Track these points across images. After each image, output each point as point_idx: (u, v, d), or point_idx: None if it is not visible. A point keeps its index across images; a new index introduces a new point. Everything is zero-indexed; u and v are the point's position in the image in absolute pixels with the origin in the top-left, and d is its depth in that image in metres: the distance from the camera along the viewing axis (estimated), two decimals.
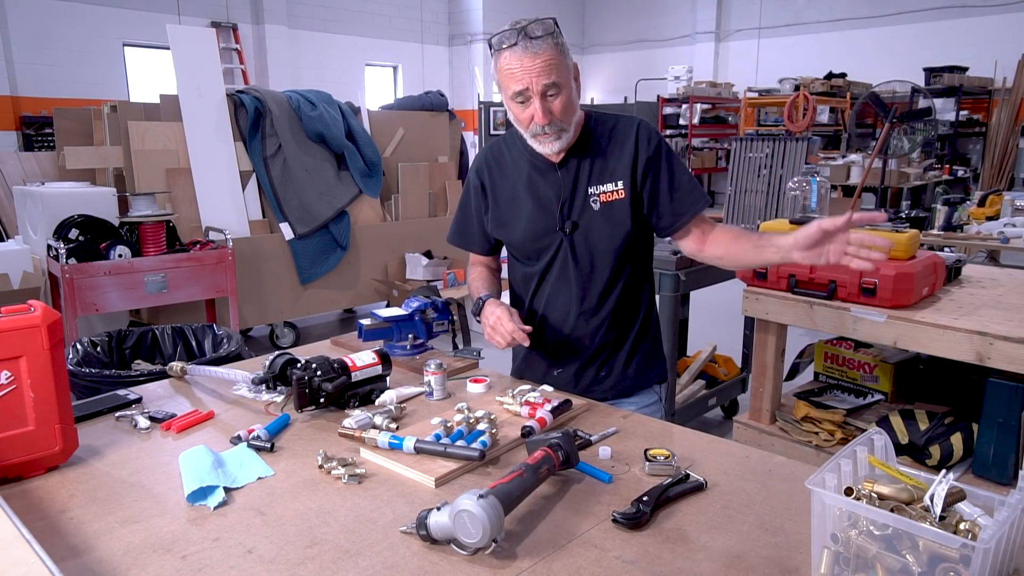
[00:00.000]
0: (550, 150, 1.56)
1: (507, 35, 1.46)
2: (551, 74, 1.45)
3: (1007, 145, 9.90)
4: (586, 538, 1.04)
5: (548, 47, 1.44)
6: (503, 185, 1.70)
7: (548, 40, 1.45)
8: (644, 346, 1.75)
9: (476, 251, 1.82)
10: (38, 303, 1.21)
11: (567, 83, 1.49)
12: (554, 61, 1.45)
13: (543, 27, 1.45)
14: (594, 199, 1.62)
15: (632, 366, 1.73)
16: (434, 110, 5.74)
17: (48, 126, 8.51)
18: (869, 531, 0.86)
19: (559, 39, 1.47)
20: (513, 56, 1.45)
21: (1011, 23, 10.36)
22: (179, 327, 3.03)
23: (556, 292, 1.70)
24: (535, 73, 1.44)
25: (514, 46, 1.44)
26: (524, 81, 1.45)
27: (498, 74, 1.50)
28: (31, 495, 1.16)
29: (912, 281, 2.10)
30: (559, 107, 1.49)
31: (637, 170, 1.60)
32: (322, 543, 1.02)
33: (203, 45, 4.65)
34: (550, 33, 1.45)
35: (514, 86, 1.47)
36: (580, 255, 1.65)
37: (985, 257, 5.60)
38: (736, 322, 3.65)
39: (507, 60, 1.46)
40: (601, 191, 1.61)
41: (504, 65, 1.47)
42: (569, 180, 1.62)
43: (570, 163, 1.62)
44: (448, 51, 14.14)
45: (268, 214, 4.75)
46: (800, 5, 12.52)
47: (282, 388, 1.56)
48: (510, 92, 1.49)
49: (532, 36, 1.44)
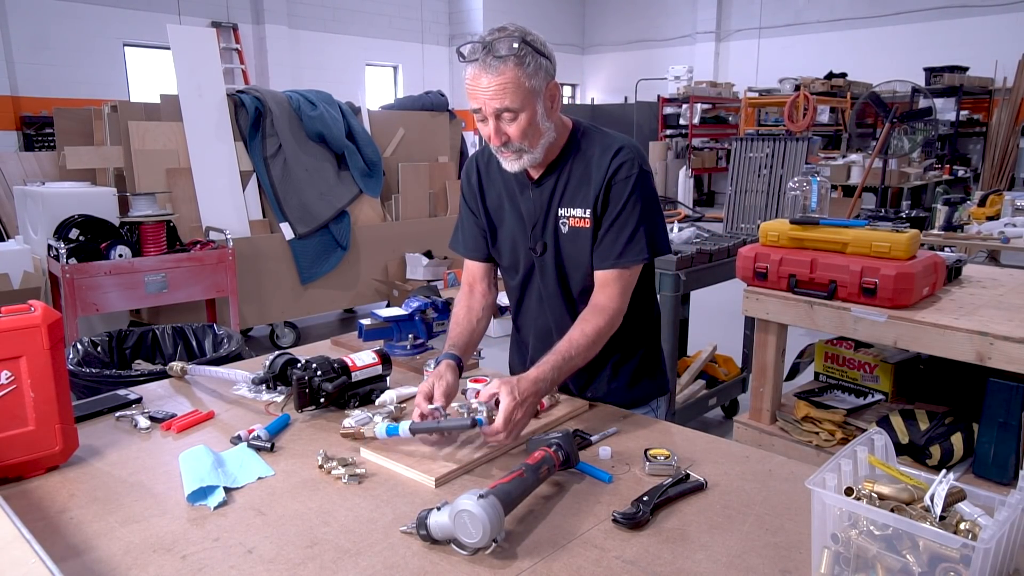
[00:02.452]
0: (512, 168, 1.50)
1: (472, 48, 1.39)
2: (504, 98, 1.38)
3: (1007, 145, 9.91)
4: (586, 538, 1.04)
5: (508, 69, 1.36)
6: (491, 192, 1.67)
7: (510, 61, 1.36)
8: (633, 365, 1.66)
9: (473, 256, 1.75)
10: (38, 303, 1.21)
11: (528, 106, 1.41)
12: (511, 84, 1.37)
13: (507, 45, 1.36)
14: (563, 221, 1.55)
15: (620, 383, 1.66)
16: (434, 110, 5.74)
17: (48, 126, 8.51)
18: (869, 531, 0.86)
19: (525, 59, 1.38)
20: (472, 71, 1.39)
21: (1011, 23, 10.37)
22: (179, 327, 3.03)
23: (535, 309, 1.68)
24: (489, 95, 1.38)
25: (475, 61, 1.38)
26: (479, 100, 1.40)
27: (465, 82, 1.45)
28: (31, 495, 1.16)
29: (912, 281, 2.10)
30: (515, 131, 1.42)
31: (599, 199, 1.51)
32: (322, 543, 1.02)
33: (203, 45, 4.65)
34: (515, 53, 1.36)
35: (472, 102, 1.43)
36: (552, 276, 1.59)
37: (985, 257, 5.60)
38: (736, 322, 3.65)
39: (468, 74, 1.41)
40: (571, 215, 1.54)
41: (466, 78, 1.42)
42: (543, 200, 1.57)
43: (546, 181, 1.56)
44: (448, 51, 14.15)
45: (268, 214, 4.75)
46: (800, 5, 12.53)
47: (282, 388, 1.56)
48: (470, 106, 1.44)
49: (495, 55, 1.36)
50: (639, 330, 1.67)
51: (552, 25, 14.51)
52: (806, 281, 2.30)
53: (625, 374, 1.66)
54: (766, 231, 2.45)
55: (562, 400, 1.54)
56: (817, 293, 2.26)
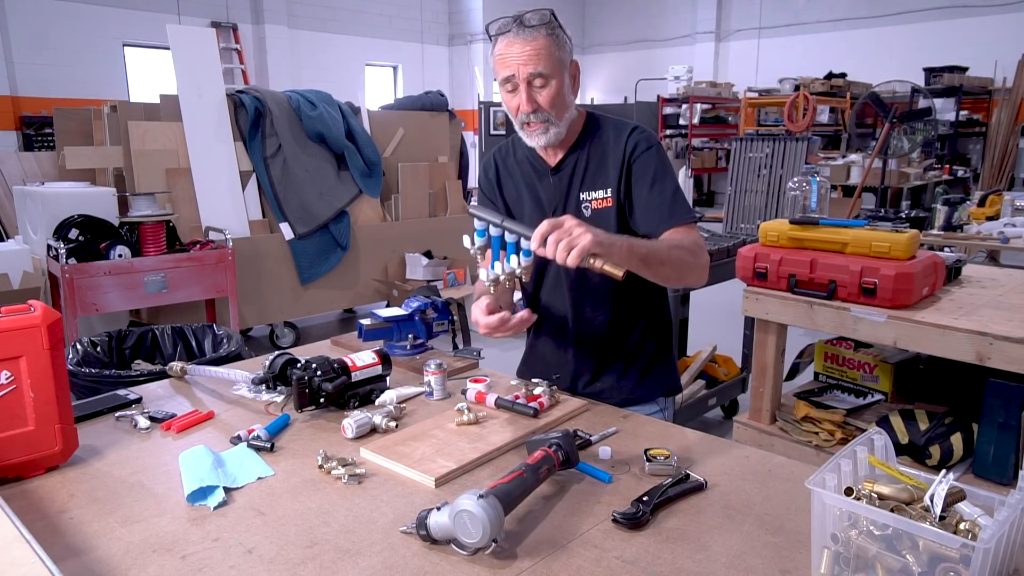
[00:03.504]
0: (538, 143, 1.55)
1: (503, 22, 1.47)
2: (539, 63, 1.45)
3: (1007, 145, 9.90)
4: (586, 538, 1.04)
5: (540, 36, 1.45)
6: (509, 184, 1.71)
7: (542, 30, 1.45)
8: (646, 358, 1.69)
9: None
10: (38, 303, 1.21)
11: (557, 75, 1.48)
12: (544, 51, 1.45)
13: (539, 17, 1.46)
14: (585, 205, 1.59)
15: (630, 378, 1.69)
16: (434, 110, 5.73)
17: (48, 126, 8.51)
18: (869, 531, 0.86)
19: (555, 31, 1.47)
20: (504, 42, 1.46)
21: (1011, 23, 10.37)
22: (179, 327, 3.03)
23: (551, 299, 1.69)
24: (523, 60, 1.45)
25: (507, 32, 1.46)
26: (512, 67, 1.46)
27: (493, 61, 1.51)
28: (31, 495, 1.16)
29: (912, 281, 2.10)
30: (546, 98, 1.48)
31: (623, 176, 1.56)
32: (322, 543, 1.02)
33: (203, 45, 4.65)
34: (545, 23, 1.46)
35: (503, 72, 1.48)
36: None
37: (985, 257, 5.60)
38: (736, 322, 3.65)
39: (500, 47, 1.48)
40: (593, 197, 1.58)
41: (497, 52, 1.49)
42: (563, 186, 1.61)
43: (564, 167, 1.61)
44: (448, 51, 14.15)
45: (268, 214, 4.75)
46: (800, 5, 12.52)
47: (282, 388, 1.56)
48: (500, 78, 1.50)
49: (527, 24, 1.45)
50: (650, 326, 1.69)
51: None
52: (806, 281, 2.30)
53: (635, 371, 1.68)
54: (766, 231, 2.45)
55: (562, 400, 1.54)
56: (817, 293, 2.26)
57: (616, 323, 1.66)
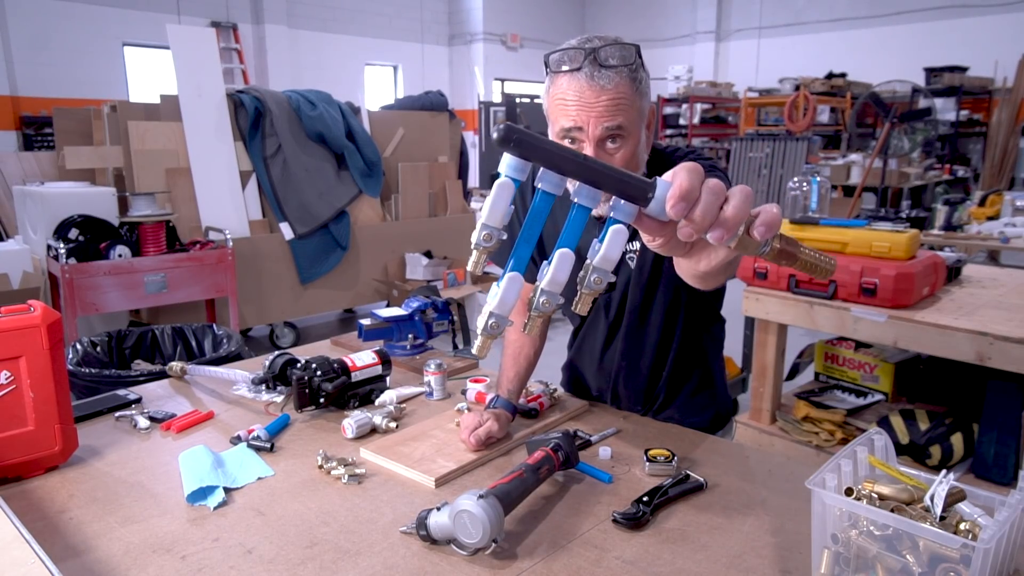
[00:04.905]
0: (601, 212, 1.21)
1: (571, 54, 1.15)
2: (616, 115, 1.14)
3: (1007, 145, 9.90)
4: (586, 538, 1.04)
5: (621, 81, 1.13)
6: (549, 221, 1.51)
7: (623, 72, 1.13)
8: (686, 397, 1.53)
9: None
10: (38, 303, 1.21)
11: (635, 131, 1.18)
12: (624, 101, 1.14)
13: (620, 55, 1.13)
14: (630, 256, 1.36)
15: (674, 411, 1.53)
16: (434, 110, 5.74)
17: (48, 126, 8.51)
18: (869, 531, 0.86)
19: (638, 73, 1.16)
20: (572, 83, 1.14)
21: (1011, 23, 10.37)
22: (179, 327, 3.04)
23: (587, 339, 1.56)
24: (597, 112, 1.13)
25: (576, 71, 1.13)
26: (579, 119, 1.14)
27: (548, 99, 1.20)
28: (31, 495, 1.16)
29: (912, 281, 2.10)
30: (621, 160, 1.16)
31: None
32: (322, 543, 1.02)
33: (203, 45, 4.65)
34: (628, 64, 1.14)
35: (564, 121, 1.16)
36: (610, 312, 1.46)
37: (985, 257, 5.60)
38: (736, 322, 3.63)
39: (563, 86, 1.15)
40: (635, 248, 1.36)
41: (558, 92, 1.16)
42: None
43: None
44: (448, 51, 14.15)
45: (268, 214, 4.75)
46: (800, 5, 12.53)
47: (282, 388, 1.56)
48: (558, 127, 1.18)
49: (603, 64, 1.13)
50: (695, 363, 1.53)
51: (552, 25, 14.53)
52: (806, 281, 2.30)
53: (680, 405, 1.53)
54: None
55: (562, 400, 1.54)
56: (817, 293, 2.26)
57: (659, 366, 1.51)
